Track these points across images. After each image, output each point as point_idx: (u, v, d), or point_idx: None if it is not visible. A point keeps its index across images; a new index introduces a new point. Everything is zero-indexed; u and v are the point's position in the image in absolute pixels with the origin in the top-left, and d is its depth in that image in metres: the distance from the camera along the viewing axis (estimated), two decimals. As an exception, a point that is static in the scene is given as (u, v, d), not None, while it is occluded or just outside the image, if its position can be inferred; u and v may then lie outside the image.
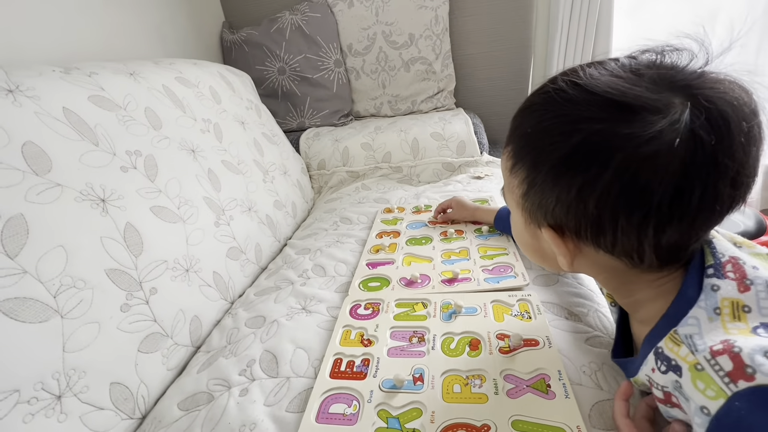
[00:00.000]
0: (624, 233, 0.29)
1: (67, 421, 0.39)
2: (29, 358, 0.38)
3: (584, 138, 0.28)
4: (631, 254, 0.30)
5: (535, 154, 0.32)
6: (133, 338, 0.48)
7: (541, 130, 0.31)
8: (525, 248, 0.41)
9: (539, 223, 0.34)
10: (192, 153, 0.71)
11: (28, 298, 0.39)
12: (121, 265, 0.49)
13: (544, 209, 0.32)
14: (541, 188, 0.32)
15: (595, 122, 0.28)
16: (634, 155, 0.27)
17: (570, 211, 0.30)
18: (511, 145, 0.35)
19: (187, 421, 0.43)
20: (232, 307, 0.65)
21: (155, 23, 1.05)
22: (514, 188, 0.35)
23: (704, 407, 0.25)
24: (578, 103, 0.29)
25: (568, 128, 0.29)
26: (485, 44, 1.36)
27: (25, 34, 0.71)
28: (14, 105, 0.47)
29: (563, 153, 0.29)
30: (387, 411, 0.40)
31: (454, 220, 0.79)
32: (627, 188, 0.27)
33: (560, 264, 0.35)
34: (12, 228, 0.40)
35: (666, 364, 0.30)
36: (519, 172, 0.34)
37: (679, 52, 0.30)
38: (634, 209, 0.28)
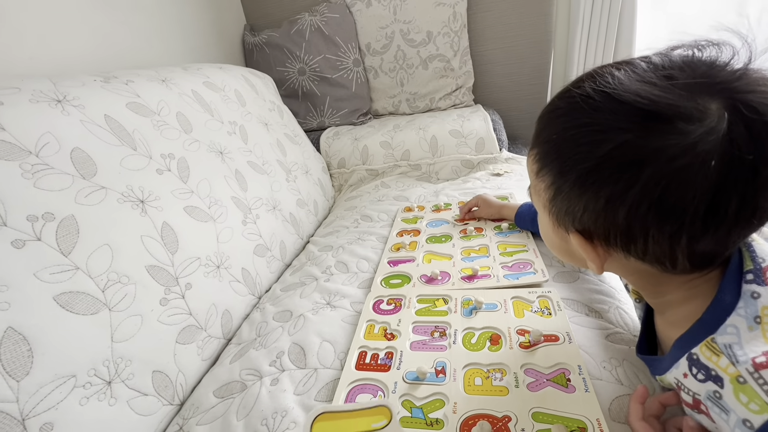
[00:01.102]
0: (655, 242, 0.28)
1: (116, 405, 0.42)
2: (83, 347, 0.41)
3: (612, 149, 0.27)
4: (663, 261, 0.29)
5: (561, 161, 0.31)
6: (171, 330, 0.51)
7: (567, 138, 0.30)
8: (554, 249, 0.40)
9: (567, 228, 0.33)
10: (220, 155, 0.74)
11: (80, 292, 0.43)
12: (160, 261, 0.53)
13: (571, 216, 0.32)
14: (568, 196, 0.31)
15: (624, 133, 0.26)
16: (665, 169, 0.25)
17: (598, 219, 0.29)
18: (537, 149, 0.34)
19: (222, 408, 0.46)
20: (259, 302, 0.69)
21: (180, 29, 1.10)
22: (541, 191, 0.34)
23: (747, 420, 0.25)
24: (605, 111, 0.28)
25: (594, 138, 0.28)
26: (504, 39, 1.35)
27: (65, 46, 0.76)
28: (63, 114, 0.51)
29: (591, 164, 0.28)
30: (411, 401, 0.41)
31: (474, 219, 0.80)
32: (658, 203, 0.26)
33: (590, 267, 0.34)
34: (65, 228, 0.44)
35: (704, 373, 0.29)
36: (545, 177, 0.33)
37: (717, 48, 0.27)
38: (665, 223, 0.26)
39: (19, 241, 0.40)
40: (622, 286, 0.57)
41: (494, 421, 0.37)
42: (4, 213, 0.40)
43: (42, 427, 0.36)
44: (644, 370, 0.42)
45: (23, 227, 0.41)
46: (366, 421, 0.25)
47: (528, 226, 0.70)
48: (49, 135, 0.48)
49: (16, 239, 0.40)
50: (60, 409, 0.38)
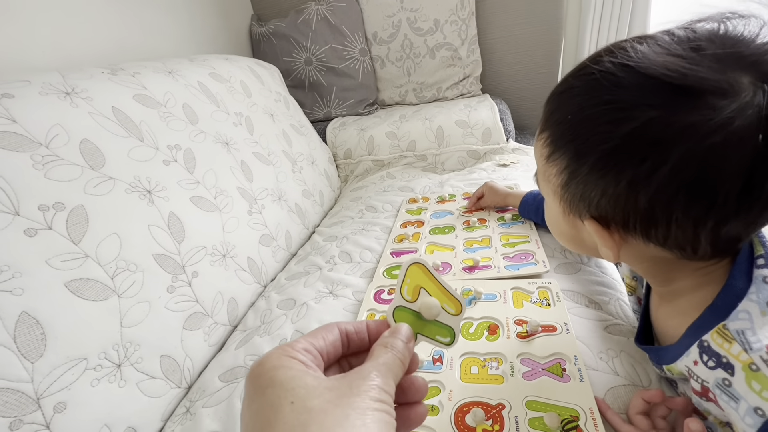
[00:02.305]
0: (679, 227, 0.26)
1: (126, 387, 0.44)
2: (93, 331, 0.43)
3: (637, 128, 0.25)
4: (685, 247, 0.28)
5: (577, 143, 0.29)
6: (178, 317, 0.53)
7: (585, 118, 0.28)
8: (561, 237, 0.38)
9: (581, 215, 0.32)
10: (226, 146, 0.75)
11: (90, 279, 0.44)
12: (167, 250, 0.54)
13: (587, 201, 0.30)
14: (585, 180, 0.29)
15: (651, 109, 0.25)
16: (697, 148, 0.24)
17: (617, 204, 0.28)
18: (548, 131, 0.32)
19: (227, 392, 0.48)
20: (264, 291, 0.70)
21: (188, 20, 1.10)
22: (551, 177, 0.33)
23: (759, 408, 0.24)
24: (629, 87, 0.26)
25: (617, 116, 0.26)
26: (513, 27, 1.32)
27: (75, 39, 0.77)
28: (71, 106, 0.52)
29: (612, 144, 0.26)
30: (408, 388, 0.42)
31: (481, 208, 0.80)
32: (688, 184, 0.24)
33: (603, 255, 0.32)
34: (75, 217, 0.46)
35: (715, 360, 0.28)
36: (558, 162, 0.31)
37: (744, 20, 0.26)
38: (693, 204, 0.25)
39: (32, 229, 0.42)
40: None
41: (488, 409, 0.38)
42: (17, 202, 0.42)
43: (56, 406, 0.38)
44: (641, 362, 0.42)
45: (35, 216, 0.42)
46: (442, 298, 0.27)
47: (531, 215, 0.69)
48: (58, 127, 0.49)
49: (29, 228, 0.41)
50: (72, 389, 0.39)
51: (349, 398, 0.19)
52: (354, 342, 0.25)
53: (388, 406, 0.20)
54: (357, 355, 0.26)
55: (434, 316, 0.26)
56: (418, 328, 0.26)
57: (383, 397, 0.20)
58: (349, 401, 0.19)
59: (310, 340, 0.23)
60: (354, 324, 0.26)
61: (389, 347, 0.23)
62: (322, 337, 0.24)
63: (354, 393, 0.19)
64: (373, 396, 0.20)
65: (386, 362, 0.22)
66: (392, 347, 0.24)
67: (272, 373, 0.20)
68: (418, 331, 0.26)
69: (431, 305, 0.26)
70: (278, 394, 0.19)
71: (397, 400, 0.22)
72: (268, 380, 0.20)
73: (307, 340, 0.23)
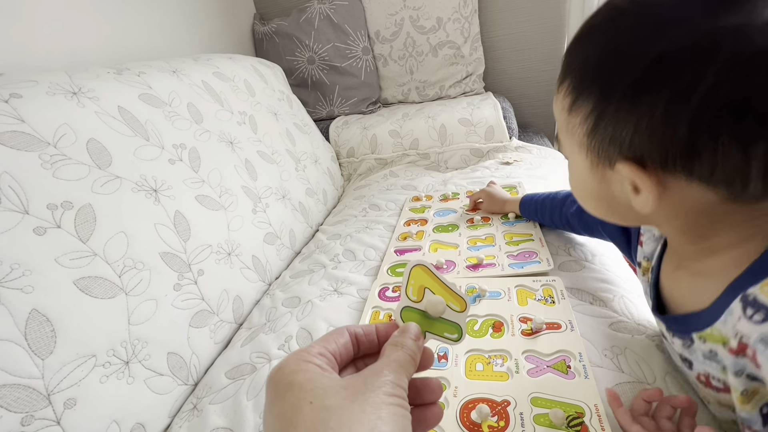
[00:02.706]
0: (726, 154, 0.24)
1: (134, 384, 0.45)
2: (102, 328, 0.44)
3: (671, 43, 0.23)
4: (733, 179, 0.25)
5: (603, 79, 0.27)
6: (184, 314, 0.53)
7: (610, 51, 0.26)
8: (588, 198, 0.35)
9: (611, 161, 0.29)
10: (230, 145, 0.76)
11: (98, 277, 0.45)
12: (173, 248, 0.55)
13: (618, 142, 0.27)
14: (614, 118, 0.27)
15: (685, 21, 0.23)
16: (744, 51, 0.21)
17: (654, 138, 0.25)
18: (569, 79, 0.30)
19: (233, 388, 0.49)
20: (269, 289, 0.71)
21: (191, 19, 1.10)
22: (575, 128, 0.30)
23: None
24: (658, 4, 0.24)
25: (647, 36, 0.24)
26: (516, 25, 1.32)
27: (80, 38, 0.78)
28: (78, 106, 0.53)
29: (643, 68, 0.24)
30: (413, 385, 0.43)
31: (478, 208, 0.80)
32: (733, 97, 0.22)
33: (639, 207, 0.29)
34: (83, 216, 0.46)
35: (764, 312, 0.25)
36: (582, 107, 0.29)
37: None
38: (740, 122, 0.22)
39: (41, 228, 0.42)
40: (627, 275, 0.57)
41: (493, 405, 0.38)
42: (26, 202, 0.42)
43: (66, 402, 0.38)
44: (646, 359, 0.42)
45: (44, 215, 0.43)
46: (447, 297, 0.27)
47: (533, 215, 0.69)
48: (66, 126, 0.50)
49: (38, 226, 0.42)
50: (82, 386, 0.40)
51: (364, 394, 0.20)
52: (364, 344, 0.26)
53: (402, 399, 0.21)
54: (368, 357, 0.27)
55: (440, 314, 0.27)
56: (425, 326, 0.27)
57: (396, 391, 0.21)
58: (365, 397, 0.20)
59: (323, 345, 0.24)
60: (363, 327, 0.27)
61: (399, 345, 0.24)
62: (334, 341, 0.25)
63: (368, 389, 0.20)
64: (387, 391, 0.20)
65: (397, 359, 0.23)
66: (402, 345, 0.24)
67: (291, 377, 0.21)
68: (426, 329, 0.27)
69: (436, 302, 0.27)
70: (297, 396, 0.20)
71: (413, 401, 0.23)
72: (287, 384, 0.21)
73: (321, 345, 0.24)
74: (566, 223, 0.62)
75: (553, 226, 0.67)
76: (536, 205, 0.68)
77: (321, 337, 0.25)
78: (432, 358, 0.27)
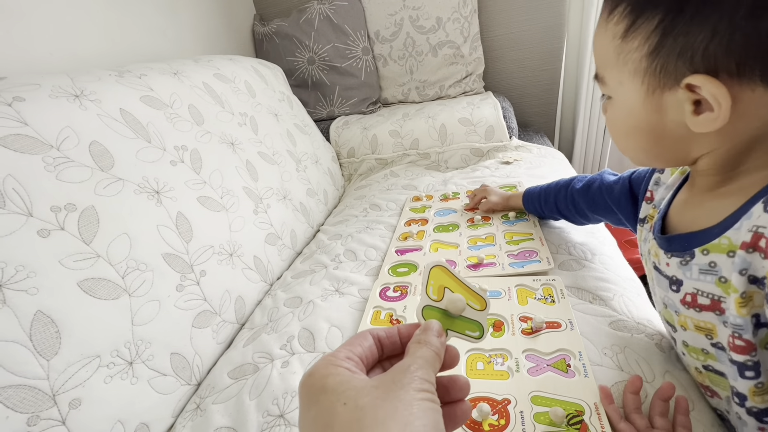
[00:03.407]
0: None
1: (138, 384, 0.45)
2: (106, 329, 0.44)
3: None
4: None
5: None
6: (187, 315, 0.54)
7: None
8: (634, 135, 0.33)
9: (677, 78, 0.28)
10: (231, 146, 0.76)
11: (102, 279, 0.45)
12: (175, 250, 0.55)
13: (689, 54, 0.26)
14: (687, 27, 0.26)
15: None
16: None
17: (734, 40, 0.24)
18: (624, 3, 0.29)
19: (236, 388, 0.49)
20: (271, 289, 0.71)
21: (192, 21, 1.11)
22: (630, 54, 0.29)
23: None
24: None
25: None
26: (516, 24, 1.32)
27: (82, 41, 0.78)
28: (81, 108, 0.53)
29: None
30: (414, 384, 0.43)
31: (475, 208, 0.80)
32: None
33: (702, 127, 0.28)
34: (86, 218, 0.46)
35: None
36: (642, 28, 0.28)
37: None
38: None
39: (45, 230, 0.42)
40: (627, 274, 0.58)
41: (494, 404, 0.39)
42: (30, 204, 0.42)
43: (71, 402, 0.39)
44: (646, 358, 0.42)
45: (47, 217, 0.43)
46: (467, 295, 0.28)
47: (535, 203, 0.69)
48: (68, 129, 0.50)
49: (42, 229, 0.42)
50: (86, 386, 0.40)
51: (395, 392, 0.21)
52: (387, 346, 0.27)
53: (431, 394, 0.22)
54: (393, 358, 0.27)
55: (460, 311, 0.27)
56: (447, 324, 0.27)
57: (425, 386, 0.22)
58: (396, 395, 0.20)
59: (349, 348, 0.25)
60: (385, 330, 0.27)
61: (423, 342, 0.25)
62: (359, 344, 0.25)
63: (398, 387, 0.21)
64: (416, 387, 0.21)
65: (423, 355, 0.24)
66: (426, 342, 0.25)
67: (322, 381, 0.22)
68: (447, 327, 0.27)
69: (456, 300, 0.27)
70: (331, 399, 0.21)
71: (441, 398, 0.23)
72: (320, 388, 0.22)
73: (347, 349, 0.25)
74: (570, 203, 0.61)
75: (556, 214, 0.66)
76: (540, 193, 0.68)
77: (346, 342, 0.26)
78: (457, 356, 0.27)
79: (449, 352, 0.26)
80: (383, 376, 0.22)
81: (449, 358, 0.26)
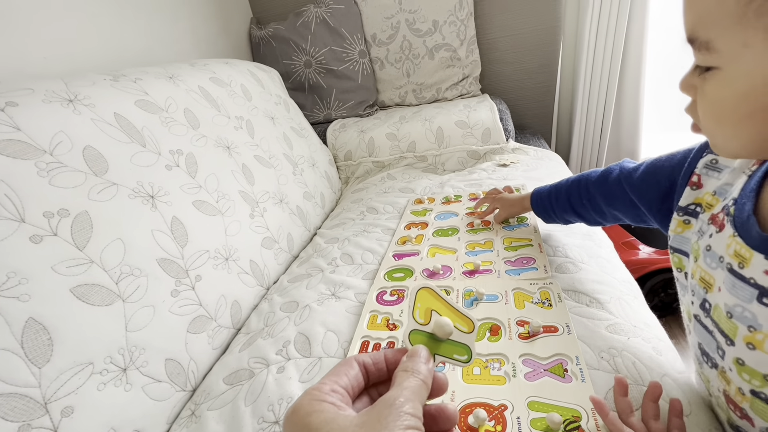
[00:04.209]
0: None
1: (132, 391, 0.45)
2: (99, 336, 0.43)
3: None
4: None
5: None
6: (182, 320, 0.53)
7: None
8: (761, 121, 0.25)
9: None
10: (227, 150, 0.76)
11: (95, 284, 0.45)
12: (170, 254, 0.55)
13: None
14: None
15: None
16: None
17: None
18: None
19: (232, 394, 0.49)
20: (267, 293, 0.71)
21: (188, 24, 1.11)
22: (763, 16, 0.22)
23: None
24: None
25: None
26: (512, 27, 1.33)
27: (77, 45, 0.78)
28: (74, 113, 0.53)
29: None
30: (410, 389, 0.43)
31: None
32: None
33: None
34: (79, 223, 0.46)
35: None
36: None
37: None
38: None
39: (37, 236, 0.42)
40: (623, 277, 0.58)
41: (490, 410, 0.38)
42: (22, 210, 0.42)
43: (63, 410, 0.38)
44: (643, 361, 0.42)
45: (40, 223, 0.43)
46: (454, 318, 0.27)
47: (545, 201, 0.63)
48: (62, 134, 0.50)
49: (34, 234, 0.42)
50: (79, 393, 0.40)
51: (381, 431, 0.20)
52: (373, 373, 0.26)
53: (418, 430, 0.21)
54: (380, 385, 0.27)
55: (448, 335, 0.27)
56: (434, 348, 0.27)
57: (412, 422, 0.21)
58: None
59: (334, 380, 0.24)
60: (371, 355, 0.27)
61: (410, 371, 0.24)
62: (344, 374, 0.25)
63: (383, 425, 0.20)
64: (402, 424, 0.20)
65: (410, 386, 0.23)
66: (413, 370, 0.24)
67: (306, 419, 0.21)
68: (434, 351, 0.27)
69: (444, 324, 0.27)
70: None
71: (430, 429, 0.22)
72: (303, 427, 0.21)
73: (332, 381, 0.24)
74: (585, 197, 0.56)
75: (569, 211, 0.60)
76: (550, 190, 0.63)
77: (331, 371, 0.25)
78: (446, 384, 0.26)
79: (437, 380, 0.26)
80: (369, 412, 0.21)
81: (437, 386, 0.25)
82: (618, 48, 1.23)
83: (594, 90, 1.33)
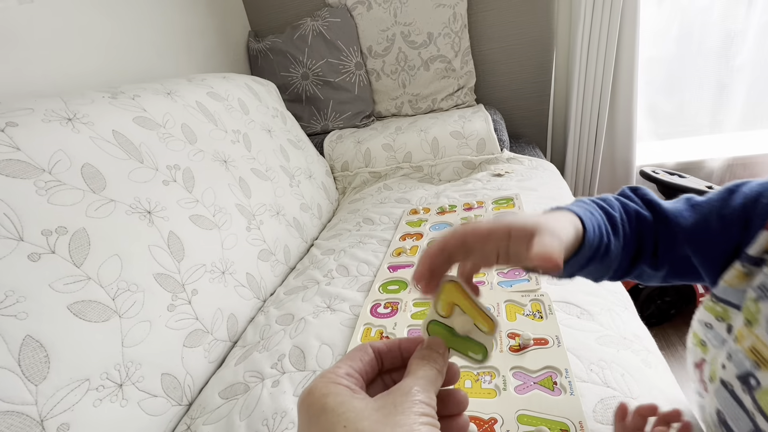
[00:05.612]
0: None
1: (128, 406, 0.45)
2: (95, 352, 0.44)
3: None
4: None
5: None
6: (178, 335, 0.54)
7: None
8: None
9: None
10: (224, 163, 0.77)
11: (92, 301, 0.46)
12: (167, 269, 0.55)
13: None
14: None
15: None
16: None
17: None
18: None
19: (227, 408, 0.49)
20: (264, 306, 0.71)
21: (187, 39, 1.13)
22: None
23: None
24: None
25: None
26: (505, 38, 1.35)
27: (75, 61, 0.80)
28: (73, 132, 0.54)
29: None
30: (403, 403, 0.43)
31: None
32: None
33: None
34: (77, 240, 0.47)
35: None
36: None
37: None
38: None
39: (35, 254, 0.43)
40: (615, 288, 0.58)
41: (480, 423, 0.39)
42: (21, 228, 0.43)
43: (59, 427, 0.39)
44: (632, 373, 0.43)
45: (38, 241, 0.44)
46: (476, 316, 0.27)
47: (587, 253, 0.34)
48: (61, 152, 0.51)
49: (32, 253, 0.43)
50: (75, 410, 0.40)
51: (396, 416, 0.20)
52: (387, 360, 0.27)
53: (432, 418, 0.21)
54: (393, 371, 0.27)
55: (467, 332, 0.27)
56: (450, 342, 0.27)
57: (426, 410, 0.21)
58: (396, 420, 0.20)
59: (349, 364, 0.24)
60: (386, 343, 0.27)
61: (426, 359, 0.24)
62: (359, 359, 0.25)
63: (399, 411, 0.21)
64: (417, 411, 0.21)
65: (425, 375, 0.23)
66: (429, 359, 0.25)
67: (323, 400, 0.21)
68: (450, 345, 0.27)
69: (464, 320, 0.27)
70: (331, 420, 0.20)
71: (440, 412, 0.23)
72: (320, 408, 0.21)
73: (347, 364, 0.24)
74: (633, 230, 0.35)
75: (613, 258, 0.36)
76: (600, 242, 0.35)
77: (346, 355, 0.25)
78: (458, 374, 0.27)
79: (450, 369, 0.26)
80: (384, 398, 0.22)
81: (450, 375, 0.26)
82: (610, 57, 1.25)
83: (587, 99, 1.34)
